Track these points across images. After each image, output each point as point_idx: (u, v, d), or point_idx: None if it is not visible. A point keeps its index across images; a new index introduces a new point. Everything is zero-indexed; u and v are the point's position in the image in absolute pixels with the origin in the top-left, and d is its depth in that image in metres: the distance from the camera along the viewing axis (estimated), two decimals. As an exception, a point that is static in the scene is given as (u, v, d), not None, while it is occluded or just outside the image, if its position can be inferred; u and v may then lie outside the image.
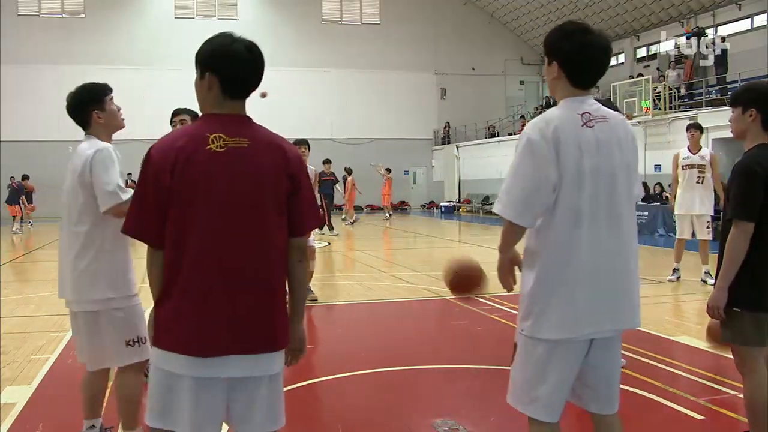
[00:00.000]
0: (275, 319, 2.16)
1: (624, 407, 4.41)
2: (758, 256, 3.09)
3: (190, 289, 2.07)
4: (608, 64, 2.51)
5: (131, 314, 3.28)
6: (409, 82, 32.25)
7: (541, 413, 2.49)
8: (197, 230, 2.06)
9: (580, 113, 2.43)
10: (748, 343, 3.15)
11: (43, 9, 29.83)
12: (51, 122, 29.19)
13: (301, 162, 2.22)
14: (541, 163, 2.35)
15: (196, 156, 2.06)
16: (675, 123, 19.19)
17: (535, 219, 2.41)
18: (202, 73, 2.17)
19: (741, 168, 3.16)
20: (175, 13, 30.87)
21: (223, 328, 2.07)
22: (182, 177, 2.05)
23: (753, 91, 3.24)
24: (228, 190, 2.07)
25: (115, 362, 3.33)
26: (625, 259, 2.46)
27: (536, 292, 2.44)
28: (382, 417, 4.22)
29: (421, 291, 8.94)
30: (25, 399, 4.46)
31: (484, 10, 33.38)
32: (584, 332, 2.41)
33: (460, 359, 5.45)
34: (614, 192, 2.43)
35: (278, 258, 2.16)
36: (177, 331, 2.08)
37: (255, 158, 2.10)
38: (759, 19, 21.86)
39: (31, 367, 5.20)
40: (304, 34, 30.69)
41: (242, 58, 2.15)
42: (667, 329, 6.25)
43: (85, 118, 3.34)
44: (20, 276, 11.25)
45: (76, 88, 3.37)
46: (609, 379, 2.56)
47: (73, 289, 3.31)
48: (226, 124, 2.12)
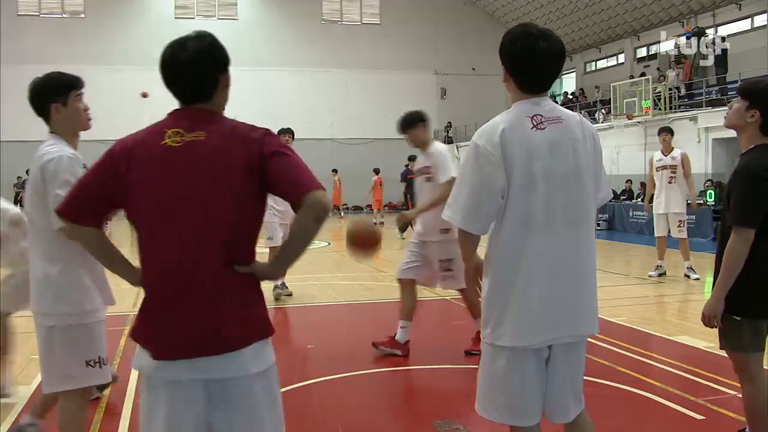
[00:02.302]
0: (225, 317, 2.00)
1: (624, 407, 4.43)
2: (758, 263, 2.98)
3: (145, 289, 2.07)
4: (558, 70, 2.44)
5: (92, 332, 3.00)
6: (409, 82, 32.23)
7: (508, 418, 2.45)
8: (146, 225, 2.04)
9: (530, 116, 2.38)
10: (747, 350, 3.08)
11: (43, 9, 29.83)
12: (51, 122, 29.30)
13: (263, 140, 2.04)
14: (487, 168, 2.32)
15: (150, 150, 2.03)
16: (675, 123, 19.19)
17: (484, 225, 2.38)
18: None
19: (746, 172, 2.99)
20: (175, 13, 30.87)
21: (172, 332, 2.00)
22: (135, 171, 2.02)
23: (764, 93, 3.05)
24: (177, 184, 2.00)
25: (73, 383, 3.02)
26: (582, 263, 2.41)
27: (492, 299, 2.41)
28: (382, 417, 4.22)
29: (421, 291, 8.92)
30: (25, 399, 4.45)
31: (484, 10, 33.39)
32: (540, 339, 2.36)
33: (460, 359, 5.45)
34: (570, 195, 2.37)
35: (228, 253, 2.01)
36: (140, 329, 2.07)
37: (211, 150, 2.01)
38: (759, 19, 21.86)
39: (31, 367, 5.20)
40: (304, 34, 30.68)
41: (164, 62, 2.09)
42: (668, 329, 6.25)
43: (43, 109, 3.06)
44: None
45: (42, 75, 3.10)
46: (572, 385, 2.49)
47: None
48: (186, 119, 2.07)
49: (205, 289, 1.99)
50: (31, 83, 3.09)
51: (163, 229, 2.01)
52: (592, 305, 2.47)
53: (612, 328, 6.24)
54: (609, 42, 29.11)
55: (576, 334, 2.43)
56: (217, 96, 2.12)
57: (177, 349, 1.99)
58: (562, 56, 2.43)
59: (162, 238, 2.02)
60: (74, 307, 2.93)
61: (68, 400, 3.07)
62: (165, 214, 2.00)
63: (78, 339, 2.94)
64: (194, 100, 2.09)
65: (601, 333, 5.99)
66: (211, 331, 1.98)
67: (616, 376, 4.88)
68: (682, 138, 18.66)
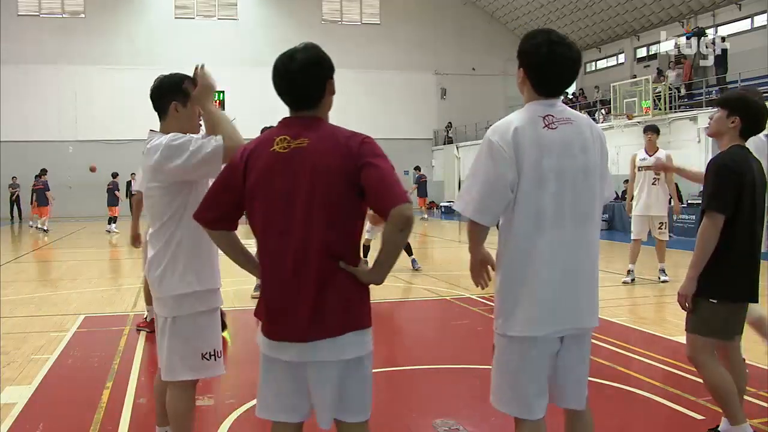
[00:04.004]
0: (323, 310, 2.23)
1: (624, 407, 4.43)
2: (733, 248, 3.24)
3: (263, 279, 2.35)
4: (575, 76, 2.55)
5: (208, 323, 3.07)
6: (409, 82, 32.26)
7: (520, 411, 2.54)
8: (260, 226, 2.29)
9: (542, 116, 2.48)
10: (713, 335, 3.35)
11: (43, 9, 29.85)
12: (51, 122, 29.25)
13: (361, 147, 2.22)
14: (499, 163, 2.42)
15: (261, 157, 2.28)
16: (675, 123, 19.20)
17: (494, 217, 2.50)
18: None
19: (714, 163, 3.33)
20: (175, 13, 30.89)
21: (276, 320, 2.29)
22: (250, 175, 2.28)
23: (743, 102, 3.41)
24: (284, 188, 2.23)
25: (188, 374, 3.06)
26: (588, 259, 2.53)
27: (503, 290, 2.53)
28: (382, 417, 4.21)
29: (421, 291, 8.94)
30: (25, 399, 4.45)
31: (484, 10, 33.39)
32: (549, 330, 2.47)
33: (460, 359, 5.45)
34: (578, 192, 2.47)
35: (328, 252, 2.23)
36: (259, 310, 2.38)
37: (313, 156, 2.22)
38: (759, 19, 21.88)
39: (31, 367, 5.20)
40: (304, 34, 30.49)
41: (276, 73, 2.32)
42: (668, 329, 6.25)
43: (162, 106, 3.07)
44: (20, 276, 11.25)
45: (169, 74, 3.13)
46: (578, 376, 2.61)
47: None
48: (293, 126, 2.30)
49: (306, 283, 2.23)
50: (158, 79, 3.13)
51: (272, 229, 2.26)
52: (595, 299, 2.58)
53: (612, 328, 6.24)
54: (609, 42, 29.13)
55: (581, 326, 2.54)
56: (324, 102, 2.34)
57: (284, 333, 2.27)
58: (579, 62, 2.54)
59: (272, 237, 2.27)
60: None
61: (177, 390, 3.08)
62: (274, 215, 2.25)
63: (195, 330, 3.01)
64: (303, 107, 2.32)
65: (601, 333, 6.00)
66: (314, 320, 2.22)
67: (615, 376, 4.88)
68: (682, 138, 18.70)
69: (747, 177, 3.26)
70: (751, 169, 3.31)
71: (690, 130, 18.59)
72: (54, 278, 11.46)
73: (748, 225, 3.28)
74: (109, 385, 4.77)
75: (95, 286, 9.40)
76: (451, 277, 9.97)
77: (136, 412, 4.21)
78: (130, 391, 4.62)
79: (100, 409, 4.26)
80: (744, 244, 3.29)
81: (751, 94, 3.54)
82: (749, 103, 3.40)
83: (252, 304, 6.98)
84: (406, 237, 2.22)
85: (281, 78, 2.30)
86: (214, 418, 4.02)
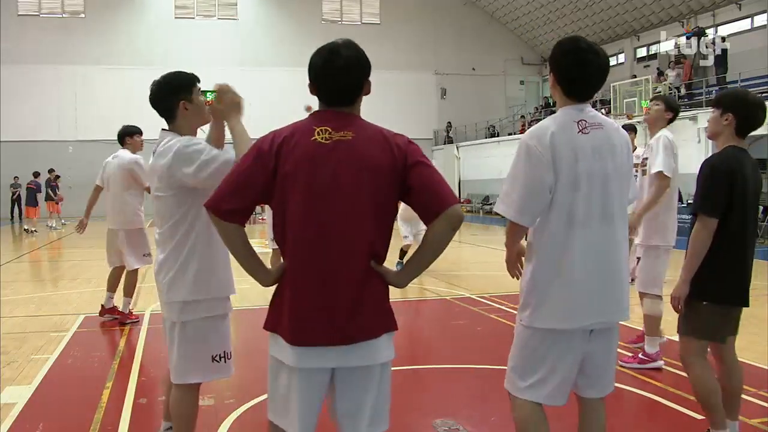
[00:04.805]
0: (362, 310, 2.15)
1: (625, 407, 4.43)
2: (726, 251, 3.24)
3: (290, 277, 2.19)
4: (603, 81, 2.64)
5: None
6: (409, 82, 32.23)
7: (537, 396, 2.63)
8: (297, 218, 2.15)
9: (576, 120, 2.58)
10: (706, 337, 3.36)
11: (43, 9, 29.83)
12: (51, 122, 29.24)
13: (408, 147, 2.22)
14: (538, 167, 2.52)
15: (300, 145, 2.16)
16: (675, 123, 19.12)
17: (534, 218, 2.60)
18: None
19: (709, 167, 3.31)
20: (175, 13, 30.87)
21: (312, 319, 2.13)
22: (285, 164, 2.15)
23: (733, 97, 3.42)
24: (326, 179, 2.13)
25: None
26: (616, 256, 2.61)
27: (534, 284, 2.61)
28: (382, 417, 4.22)
29: (421, 291, 8.94)
30: (25, 399, 4.46)
31: (484, 10, 33.38)
32: (578, 324, 2.57)
33: (460, 359, 5.46)
34: (607, 194, 2.57)
35: (371, 250, 2.17)
36: (280, 317, 2.20)
37: (359, 150, 2.16)
38: (759, 19, 21.87)
39: (31, 367, 5.20)
40: (304, 34, 30.65)
41: (317, 67, 2.24)
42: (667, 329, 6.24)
43: (170, 108, 3.03)
44: (20, 276, 11.25)
45: (164, 75, 3.08)
46: (606, 368, 2.73)
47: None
48: (332, 119, 2.21)
49: (348, 280, 2.14)
50: (157, 83, 3.04)
51: (311, 221, 2.14)
52: (623, 294, 2.66)
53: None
54: (609, 42, 29.11)
55: (609, 320, 2.64)
56: (358, 101, 2.29)
57: (320, 336, 2.13)
58: (607, 69, 2.63)
59: (310, 229, 2.14)
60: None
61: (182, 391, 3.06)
62: (312, 205, 2.13)
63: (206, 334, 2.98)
64: (341, 103, 2.25)
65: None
66: (355, 320, 2.13)
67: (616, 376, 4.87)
68: (682, 138, 18.68)
69: (738, 178, 3.22)
70: (743, 170, 3.26)
71: (690, 130, 18.58)
72: (54, 278, 11.46)
73: (739, 227, 3.26)
74: (109, 384, 4.77)
75: (95, 286, 9.39)
76: (451, 277, 9.96)
77: (135, 412, 4.22)
78: (130, 391, 4.62)
79: (99, 408, 4.26)
80: (735, 245, 3.27)
81: (739, 91, 3.58)
82: (740, 98, 3.39)
83: (251, 302, 6.99)
84: (454, 236, 2.22)
85: (324, 74, 2.22)
86: (214, 419, 4.03)
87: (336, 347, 2.14)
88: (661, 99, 5.58)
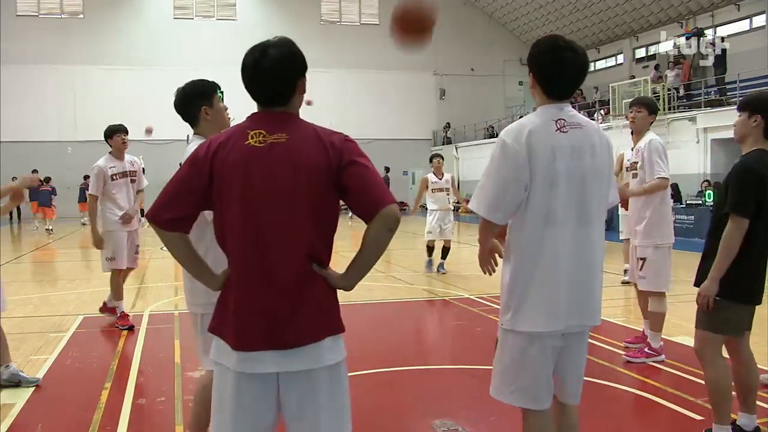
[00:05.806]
0: (303, 313, 2.11)
1: (624, 408, 4.43)
2: (752, 251, 3.33)
3: (232, 281, 2.16)
4: (582, 79, 2.63)
5: None
6: (409, 82, 32.26)
7: (523, 401, 2.63)
8: (235, 223, 2.12)
9: (555, 119, 2.57)
10: (725, 332, 3.44)
11: (43, 9, 29.83)
12: (51, 122, 29.24)
13: (344, 145, 2.15)
14: (514, 165, 2.51)
15: (234, 150, 2.13)
16: (674, 123, 19.20)
17: (506, 216, 2.59)
18: None
19: (740, 167, 3.39)
20: (174, 13, 30.88)
21: (253, 323, 2.09)
22: (221, 169, 2.12)
23: (762, 100, 3.48)
24: (264, 185, 2.09)
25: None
26: (593, 258, 2.61)
27: (512, 287, 2.61)
28: (381, 417, 4.22)
29: (421, 291, 8.94)
30: (24, 399, 4.45)
31: (483, 11, 33.41)
32: (555, 327, 2.56)
33: (459, 359, 5.46)
34: (585, 194, 2.56)
35: (309, 252, 2.12)
36: (225, 321, 2.15)
37: (293, 151, 2.11)
38: (758, 19, 21.89)
39: (30, 368, 5.20)
40: (304, 34, 30.56)
41: (246, 67, 2.19)
42: (667, 329, 6.24)
43: (192, 114, 3.21)
44: (19, 276, 11.24)
45: (187, 83, 3.25)
46: (577, 372, 2.72)
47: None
48: (266, 122, 2.17)
49: (287, 283, 2.09)
50: (180, 90, 3.23)
51: (249, 226, 2.10)
52: (598, 298, 2.66)
53: (612, 328, 6.24)
54: (608, 42, 29.14)
55: (585, 323, 2.64)
56: (294, 100, 2.21)
57: (260, 341, 2.08)
58: (585, 66, 2.62)
59: (248, 235, 2.11)
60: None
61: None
62: (248, 210, 2.10)
63: None
64: (273, 104, 2.19)
65: (601, 333, 5.99)
66: (295, 323, 2.09)
67: (615, 376, 4.89)
68: (682, 138, 18.71)
69: (767, 181, 3.32)
70: None
71: (689, 131, 18.60)
72: (53, 278, 11.46)
73: (765, 228, 3.35)
74: (108, 385, 4.77)
75: (94, 287, 9.39)
76: (451, 277, 9.97)
77: (135, 412, 4.22)
78: (129, 391, 4.62)
79: (99, 409, 4.26)
80: (760, 247, 3.37)
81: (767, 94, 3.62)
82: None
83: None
84: (392, 237, 2.13)
85: (251, 73, 2.16)
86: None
87: (277, 351, 2.09)
88: (643, 104, 5.50)
